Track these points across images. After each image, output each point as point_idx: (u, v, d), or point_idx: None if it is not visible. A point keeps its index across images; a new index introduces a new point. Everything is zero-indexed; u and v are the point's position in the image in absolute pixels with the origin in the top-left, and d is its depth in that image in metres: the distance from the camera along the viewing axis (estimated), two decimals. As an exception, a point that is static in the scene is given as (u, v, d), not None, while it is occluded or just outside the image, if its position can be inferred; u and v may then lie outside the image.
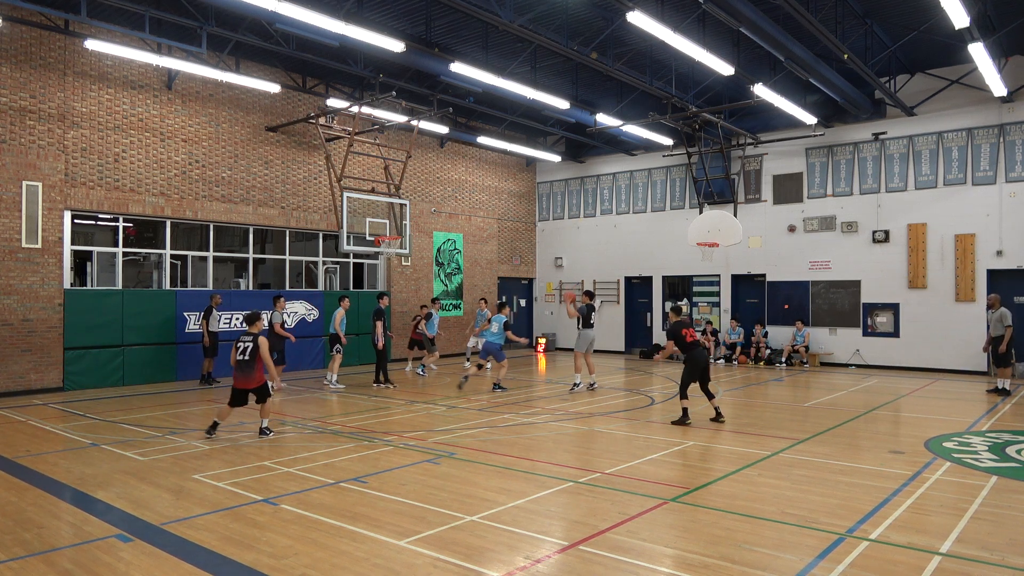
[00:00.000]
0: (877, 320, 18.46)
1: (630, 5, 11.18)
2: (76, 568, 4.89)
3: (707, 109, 17.46)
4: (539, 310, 25.62)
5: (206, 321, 14.65)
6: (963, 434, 9.60)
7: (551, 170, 25.29)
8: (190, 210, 15.94)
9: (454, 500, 6.44)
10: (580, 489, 6.86)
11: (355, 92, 18.53)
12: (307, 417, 10.91)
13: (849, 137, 18.96)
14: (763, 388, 14.73)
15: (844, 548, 5.18)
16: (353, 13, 13.24)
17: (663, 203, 22.54)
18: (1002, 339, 13.19)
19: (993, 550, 5.16)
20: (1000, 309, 13.40)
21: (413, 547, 5.23)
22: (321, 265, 19.10)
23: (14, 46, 13.48)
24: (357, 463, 7.91)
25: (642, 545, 5.28)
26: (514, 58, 16.08)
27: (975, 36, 12.22)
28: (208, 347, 14.76)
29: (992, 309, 13.55)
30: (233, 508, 6.21)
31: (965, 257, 17.17)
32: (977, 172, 17.13)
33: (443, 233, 22.05)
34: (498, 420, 10.72)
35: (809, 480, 7.17)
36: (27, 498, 6.59)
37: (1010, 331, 13.19)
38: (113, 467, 7.71)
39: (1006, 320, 13.23)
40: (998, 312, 13.37)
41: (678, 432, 9.73)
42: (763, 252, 20.35)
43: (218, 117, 16.59)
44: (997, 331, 13.33)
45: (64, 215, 14.11)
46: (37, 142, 13.72)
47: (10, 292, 13.17)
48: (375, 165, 19.51)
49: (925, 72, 17.57)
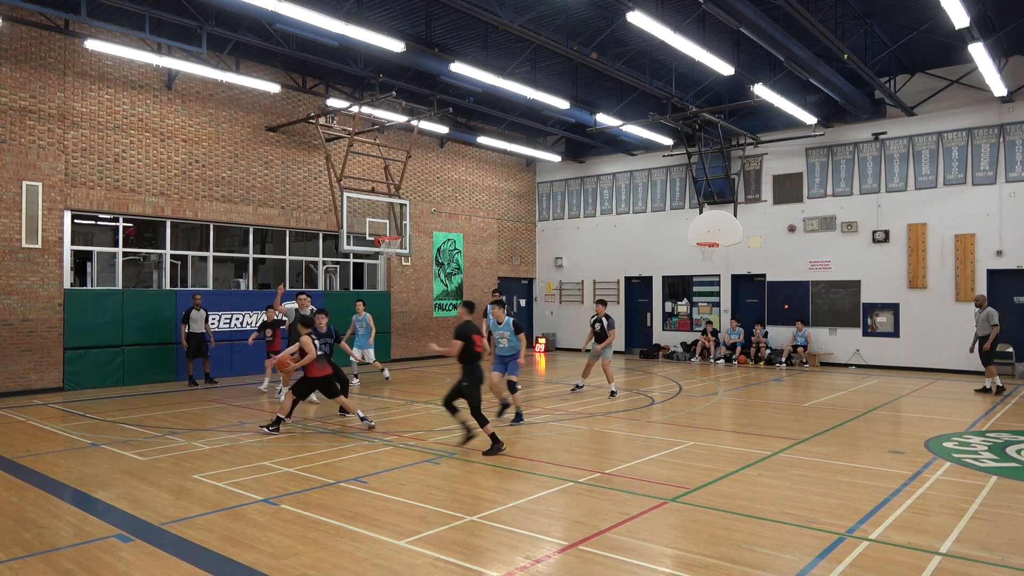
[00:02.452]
0: (877, 320, 18.46)
1: (630, 5, 11.18)
2: (76, 568, 4.89)
3: (707, 109, 17.46)
4: (539, 310, 25.62)
5: (185, 324, 14.45)
6: (963, 434, 9.60)
7: (551, 170, 25.29)
8: (190, 210, 15.94)
9: (454, 500, 6.44)
10: (580, 489, 6.86)
11: (355, 92, 18.53)
12: (307, 417, 10.91)
13: (849, 137, 18.96)
14: (763, 388, 14.73)
15: (844, 548, 5.18)
16: (353, 13, 13.24)
17: (663, 203, 22.54)
18: (987, 339, 13.26)
19: (993, 550, 5.16)
20: (987, 308, 13.47)
21: (413, 547, 5.23)
22: (321, 265, 19.10)
23: (14, 46, 13.48)
24: (357, 463, 7.91)
25: (642, 545, 5.28)
26: (514, 58, 16.08)
27: (975, 36, 12.22)
28: (189, 348, 14.42)
29: (979, 309, 13.62)
30: (233, 508, 6.21)
31: (965, 257, 17.17)
32: (977, 172, 17.13)
33: (443, 233, 22.05)
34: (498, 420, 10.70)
35: (809, 480, 7.17)
36: (27, 498, 6.59)
37: (996, 330, 13.28)
38: (113, 467, 7.71)
39: (993, 319, 13.31)
40: (985, 312, 13.46)
41: (678, 432, 9.73)
42: (763, 252, 20.35)
43: (218, 117, 16.58)
44: (984, 331, 13.42)
45: (64, 215, 14.11)
46: (37, 142, 13.72)
47: (10, 292, 13.17)
48: (375, 165, 19.51)
49: (925, 72, 17.57)
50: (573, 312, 24.32)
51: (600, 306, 13.63)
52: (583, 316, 22.88)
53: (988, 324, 13.30)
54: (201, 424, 10.24)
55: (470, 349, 8.30)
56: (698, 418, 10.93)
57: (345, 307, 18.73)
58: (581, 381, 13.96)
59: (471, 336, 8.32)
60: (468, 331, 8.34)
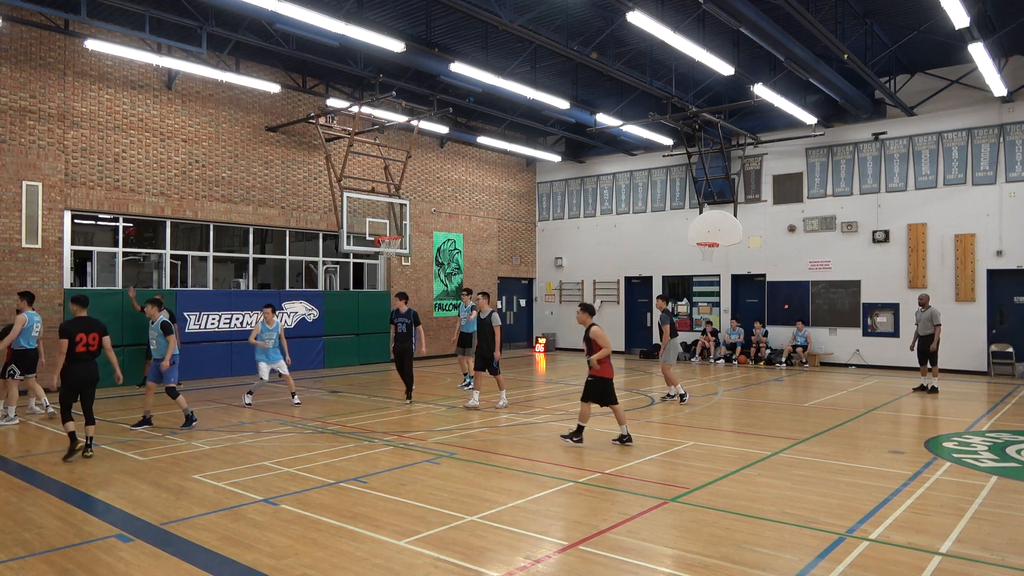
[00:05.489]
0: (877, 320, 18.46)
1: (630, 5, 11.18)
2: (76, 568, 4.89)
3: (707, 109, 17.46)
4: (539, 310, 25.62)
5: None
6: (963, 434, 9.59)
7: (551, 170, 25.29)
8: (190, 210, 15.94)
9: (454, 500, 6.44)
10: (580, 489, 6.86)
11: (355, 92, 18.53)
12: (307, 417, 10.91)
13: (849, 137, 18.96)
14: (763, 388, 14.73)
15: (844, 548, 5.18)
16: (353, 13, 13.24)
17: (663, 203, 22.53)
18: (931, 338, 13.42)
19: (993, 550, 5.16)
20: (930, 308, 13.66)
21: (413, 547, 5.23)
22: (321, 265, 19.10)
23: (14, 46, 13.48)
24: (357, 463, 7.91)
25: (642, 545, 5.28)
26: (514, 58, 16.08)
27: (975, 36, 12.22)
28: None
29: (923, 308, 13.75)
30: (233, 508, 6.21)
31: (965, 257, 17.17)
32: (977, 172, 17.13)
33: (443, 233, 22.05)
34: (498, 420, 10.72)
35: (809, 480, 7.17)
36: (27, 498, 6.59)
37: (939, 330, 13.48)
38: (113, 467, 7.71)
39: (936, 319, 13.51)
40: (928, 311, 13.61)
41: (678, 432, 9.73)
42: (763, 252, 20.35)
43: (218, 117, 16.58)
44: (926, 330, 13.55)
45: (64, 215, 14.11)
46: (37, 142, 13.72)
47: (10, 292, 13.15)
48: (375, 165, 19.51)
49: (925, 72, 17.57)
50: (573, 312, 24.22)
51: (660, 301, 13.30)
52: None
53: (931, 323, 13.50)
54: (201, 424, 10.24)
55: (71, 351, 7.82)
56: (698, 418, 10.93)
57: (346, 307, 18.81)
58: (673, 390, 12.74)
59: (67, 336, 7.84)
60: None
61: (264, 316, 11.74)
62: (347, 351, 18.79)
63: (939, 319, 13.56)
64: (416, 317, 12.49)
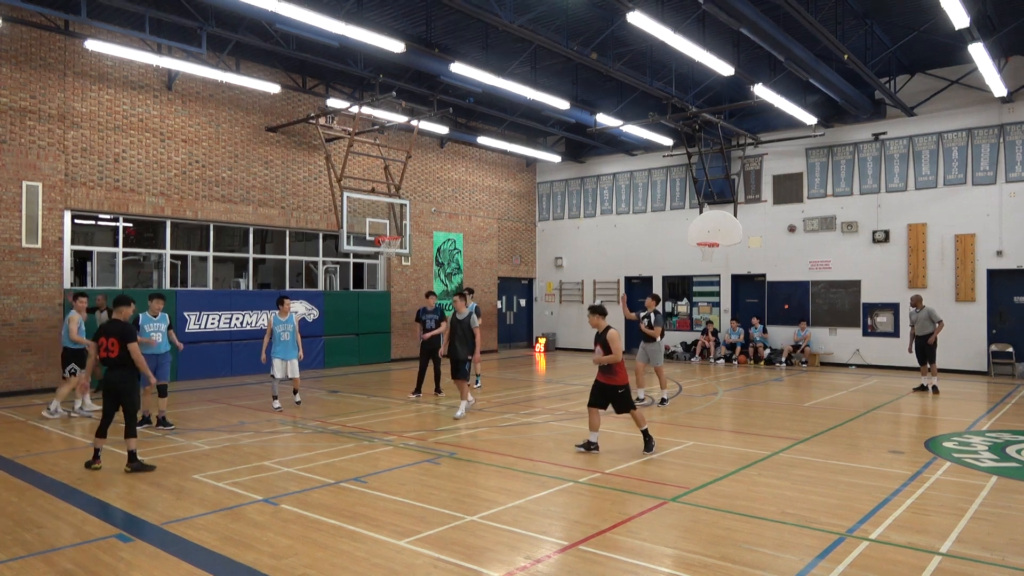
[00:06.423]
0: (877, 320, 18.46)
1: (630, 5, 11.18)
2: (76, 568, 4.89)
3: (707, 109, 17.46)
4: (539, 310, 25.62)
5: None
6: (963, 434, 9.60)
7: (551, 170, 25.29)
8: (190, 210, 15.94)
9: (454, 500, 6.44)
10: (580, 489, 6.86)
11: (355, 92, 18.53)
12: (307, 417, 10.91)
13: (849, 137, 18.96)
14: (763, 388, 14.73)
15: (844, 548, 5.19)
16: (353, 13, 13.24)
17: (663, 203, 22.53)
18: (929, 336, 13.40)
19: (993, 550, 5.16)
20: (925, 307, 13.64)
21: (413, 547, 5.23)
22: (321, 265, 19.10)
23: (14, 46, 13.48)
24: (357, 463, 7.91)
25: (642, 545, 5.28)
26: (514, 58, 16.07)
27: (975, 36, 12.22)
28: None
29: (916, 308, 13.73)
30: (233, 508, 6.21)
31: (965, 257, 17.17)
32: (977, 172, 17.13)
33: (443, 233, 22.05)
34: (498, 420, 10.72)
35: (809, 480, 7.17)
36: (27, 498, 6.59)
37: (941, 326, 13.46)
38: (113, 467, 7.71)
39: (935, 316, 13.50)
40: (924, 311, 13.59)
41: (678, 432, 9.73)
42: (763, 252, 20.35)
43: (218, 117, 16.59)
44: (924, 330, 13.52)
45: (64, 215, 14.11)
46: (37, 142, 13.72)
47: (10, 292, 13.17)
48: (375, 165, 19.51)
49: (925, 72, 17.57)
50: (573, 312, 24.30)
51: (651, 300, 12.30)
52: (583, 316, 22.85)
53: (931, 322, 13.47)
54: (201, 424, 10.24)
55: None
56: (698, 418, 10.93)
57: (346, 307, 18.81)
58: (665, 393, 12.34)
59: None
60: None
61: (279, 309, 11.54)
62: (347, 351, 18.79)
63: (938, 316, 13.56)
64: (443, 314, 13.12)
